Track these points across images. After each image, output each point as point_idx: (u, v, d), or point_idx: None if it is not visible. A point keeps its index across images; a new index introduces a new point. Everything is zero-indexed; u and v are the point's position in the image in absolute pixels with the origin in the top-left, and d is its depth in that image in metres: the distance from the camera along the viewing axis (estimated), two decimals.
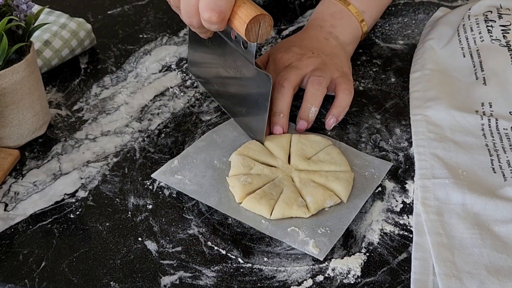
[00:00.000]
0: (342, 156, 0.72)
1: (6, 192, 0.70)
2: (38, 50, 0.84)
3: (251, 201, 0.67)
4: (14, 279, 0.61)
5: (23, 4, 0.71)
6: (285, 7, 1.01)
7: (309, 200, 0.67)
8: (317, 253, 0.63)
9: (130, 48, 0.92)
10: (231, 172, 0.71)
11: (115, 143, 0.77)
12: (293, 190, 0.68)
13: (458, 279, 0.60)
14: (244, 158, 0.71)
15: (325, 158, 0.72)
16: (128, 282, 0.61)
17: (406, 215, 0.68)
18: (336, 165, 0.71)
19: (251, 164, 0.71)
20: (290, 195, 0.67)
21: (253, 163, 0.71)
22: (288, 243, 0.64)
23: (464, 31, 0.89)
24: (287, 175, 0.71)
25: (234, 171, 0.70)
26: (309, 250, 0.63)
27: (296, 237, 0.65)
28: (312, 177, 0.70)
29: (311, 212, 0.66)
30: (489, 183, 0.70)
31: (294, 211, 0.66)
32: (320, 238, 0.64)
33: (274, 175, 0.70)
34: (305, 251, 0.63)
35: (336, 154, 0.72)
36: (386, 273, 0.62)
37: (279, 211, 0.66)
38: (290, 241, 0.64)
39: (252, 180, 0.69)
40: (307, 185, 0.69)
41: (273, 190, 0.68)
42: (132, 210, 0.68)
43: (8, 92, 0.70)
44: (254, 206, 0.67)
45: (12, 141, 0.74)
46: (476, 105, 0.80)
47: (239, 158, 0.71)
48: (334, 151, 0.73)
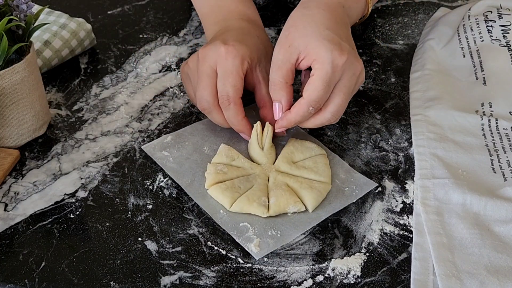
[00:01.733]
0: (327, 168, 0.72)
1: (6, 192, 0.70)
2: (38, 50, 0.84)
3: (216, 189, 0.68)
4: (14, 279, 0.61)
5: (23, 4, 0.71)
6: (285, 7, 1.01)
7: (272, 202, 0.67)
8: (256, 252, 0.63)
9: (130, 48, 0.92)
10: (213, 159, 0.72)
11: (115, 143, 0.77)
12: (262, 189, 0.69)
13: (458, 279, 0.60)
14: (230, 149, 0.73)
15: (310, 166, 0.71)
16: (128, 282, 0.61)
17: (406, 215, 0.68)
18: (317, 174, 0.70)
19: (235, 156, 0.72)
20: (256, 192, 0.68)
21: (237, 155, 0.72)
22: (233, 236, 0.65)
23: (464, 31, 0.89)
24: (265, 174, 0.71)
25: (216, 159, 0.72)
26: (249, 247, 0.63)
27: (243, 233, 0.65)
28: (288, 181, 0.70)
29: (269, 213, 0.66)
30: (489, 183, 0.70)
31: (253, 208, 0.66)
32: (266, 239, 0.64)
33: (252, 170, 0.71)
34: (245, 247, 0.64)
35: (322, 164, 0.72)
36: (386, 273, 0.62)
37: (238, 205, 0.67)
38: (236, 235, 0.65)
39: (228, 171, 0.70)
40: (277, 187, 0.69)
41: (243, 184, 0.69)
42: (132, 210, 0.68)
43: (8, 92, 0.70)
44: (217, 195, 0.68)
45: (12, 141, 0.74)
46: (476, 105, 0.80)
47: (225, 148, 0.73)
48: (321, 161, 0.72)
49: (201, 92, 0.73)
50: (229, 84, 0.71)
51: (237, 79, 0.72)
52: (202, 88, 0.73)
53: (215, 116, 0.74)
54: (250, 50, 0.74)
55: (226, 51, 0.72)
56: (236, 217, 0.67)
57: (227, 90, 0.71)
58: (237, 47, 0.72)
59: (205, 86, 0.72)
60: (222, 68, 0.72)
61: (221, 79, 0.72)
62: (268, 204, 0.67)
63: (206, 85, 0.72)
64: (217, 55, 0.72)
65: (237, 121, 0.73)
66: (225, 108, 0.72)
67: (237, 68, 0.72)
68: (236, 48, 0.72)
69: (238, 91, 0.72)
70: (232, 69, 0.71)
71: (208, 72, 0.72)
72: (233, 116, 0.72)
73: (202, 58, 0.73)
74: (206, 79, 0.72)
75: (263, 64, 0.76)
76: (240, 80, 0.72)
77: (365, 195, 0.70)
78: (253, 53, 0.74)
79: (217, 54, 0.72)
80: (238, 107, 0.72)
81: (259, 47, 0.77)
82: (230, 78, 0.71)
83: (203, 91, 0.72)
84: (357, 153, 0.76)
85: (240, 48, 0.72)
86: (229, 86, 0.71)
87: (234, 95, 0.71)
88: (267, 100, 0.75)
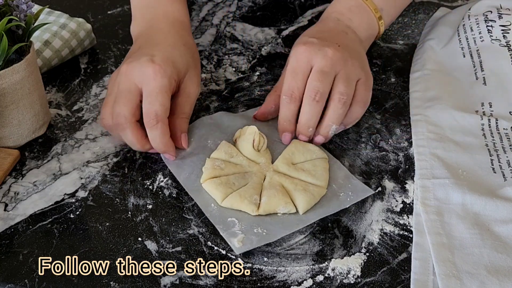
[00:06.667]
0: (325, 172, 0.71)
1: (6, 192, 0.70)
2: (38, 50, 0.84)
3: (210, 184, 0.69)
4: (14, 279, 0.61)
5: (23, 4, 0.71)
6: (285, 7, 1.01)
7: (263, 201, 0.67)
8: (238, 247, 0.63)
9: (130, 48, 0.92)
10: (212, 154, 0.72)
11: (115, 143, 0.77)
12: (255, 187, 0.69)
13: (458, 279, 0.60)
14: (230, 146, 0.73)
15: (308, 168, 0.71)
16: (128, 282, 0.61)
17: (406, 215, 0.68)
18: (314, 178, 0.70)
19: (234, 153, 0.72)
20: (249, 190, 0.68)
21: (236, 152, 0.72)
22: (218, 229, 0.65)
23: (464, 31, 0.89)
24: (262, 173, 0.71)
25: (215, 155, 0.72)
26: (232, 242, 0.64)
27: (229, 227, 0.65)
28: (283, 182, 0.69)
29: (259, 211, 0.67)
30: (489, 183, 0.70)
31: (243, 205, 0.67)
32: (251, 236, 0.65)
33: (249, 168, 0.71)
34: (228, 242, 0.64)
35: (321, 168, 0.71)
36: (386, 273, 0.62)
37: (229, 200, 0.67)
38: (221, 229, 0.65)
39: (225, 167, 0.70)
40: (271, 187, 0.69)
41: (238, 181, 0.69)
42: (132, 210, 0.68)
43: (8, 92, 0.70)
44: (211, 189, 0.68)
45: (12, 141, 0.74)
46: (476, 105, 0.80)
47: (226, 144, 0.73)
48: (321, 165, 0.72)
49: (120, 108, 0.71)
50: (158, 103, 0.70)
51: (165, 98, 0.71)
52: (122, 104, 0.71)
53: (129, 134, 0.71)
54: (178, 67, 0.74)
55: (154, 72, 0.71)
56: (226, 212, 0.67)
57: (155, 109, 0.70)
58: (164, 67, 0.71)
59: (125, 102, 0.71)
60: (150, 87, 0.71)
61: (148, 98, 0.70)
62: (259, 202, 0.67)
63: (127, 101, 0.71)
64: (143, 75, 0.71)
65: (163, 141, 0.71)
66: (152, 128, 0.70)
67: (165, 87, 0.71)
68: (163, 68, 0.71)
69: (166, 110, 0.71)
70: (160, 89, 0.71)
71: (131, 89, 0.71)
72: (159, 137, 0.70)
73: (126, 74, 0.72)
74: (128, 95, 0.71)
75: (189, 76, 0.76)
76: (168, 99, 0.71)
77: None
78: (181, 69, 0.75)
79: (143, 73, 0.71)
80: (165, 127, 0.71)
81: (186, 59, 0.76)
82: (159, 97, 0.70)
83: (123, 106, 0.71)
84: (357, 153, 0.76)
85: (167, 68, 0.72)
86: (157, 104, 0.70)
87: (162, 114, 0.70)
88: (179, 110, 0.74)
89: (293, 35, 0.95)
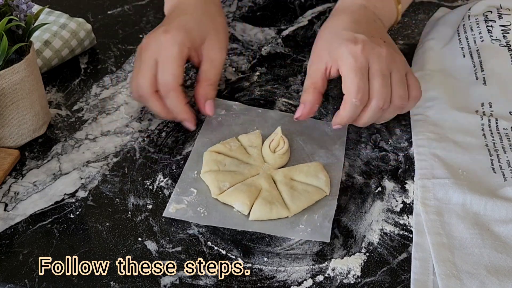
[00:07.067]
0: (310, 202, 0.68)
1: (6, 192, 0.70)
2: (38, 50, 0.84)
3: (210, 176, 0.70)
4: (14, 279, 0.61)
5: (23, 4, 0.71)
6: (285, 7, 1.01)
7: (229, 190, 0.68)
8: (170, 211, 0.67)
9: (130, 48, 0.92)
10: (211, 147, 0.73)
11: (115, 143, 0.77)
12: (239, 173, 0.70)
13: (458, 279, 0.60)
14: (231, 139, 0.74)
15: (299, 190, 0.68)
16: (128, 282, 0.61)
17: (406, 215, 0.68)
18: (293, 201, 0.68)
19: (234, 146, 0.73)
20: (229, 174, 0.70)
21: (236, 145, 0.73)
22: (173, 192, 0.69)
23: (464, 31, 0.89)
24: (257, 168, 0.71)
25: (213, 148, 0.73)
26: (170, 205, 0.68)
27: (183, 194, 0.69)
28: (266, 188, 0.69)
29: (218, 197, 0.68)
30: (489, 183, 0.70)
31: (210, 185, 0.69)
32: (189, 210, 0.67)
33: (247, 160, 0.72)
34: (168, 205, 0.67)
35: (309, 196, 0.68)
36: (386, 273, 0.62)
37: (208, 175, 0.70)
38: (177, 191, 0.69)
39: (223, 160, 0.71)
40: (250, 184, 0.69)
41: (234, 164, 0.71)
42: (132, 210, 0.68)
43: (8, 92, 0.70)
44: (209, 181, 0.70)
45: (12, 141, 0.74)
46: (476, 105, 0.80)
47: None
48: (314, 195, 0.69)
49: (140, 80, 0.74)
50: (168, 72, 0.73)
51: (175, 67, 0.73)
52: (141, 76, 0.74)
53: (152, 104, 0.74)
54: (192, 34, 0.75)
55: (166, 40, 0.73)
56: (194, 183, 0.70)
57: (166, 78, 0.72)
58: (176, 35, 0.73)
59: (144, 74, 0.73)
60: (161, 57, 0.73)
61: (160, 68, 0.73)
62: (225, 190, 0.68)
63: (145, 73, 0.73)
64: (158, 45, 0.74)
65: (179, 108, 0.74)
66: (166, 96, 0.73)
67: (175, 55, 0.73)
68: (175, 36, 0.73)
69: (177, 79, 0.73)
70: (171, 58, 0.73)
71: (148, 61, 0.74)
72: (175, 104, 0.73)
73: (144, 47, 0.75)
74: (146, 67, 0.73)
75: (209, 41, 0.77)
76: (179, 68, 0.73)
77: (365, 195, 0.70)
78: (195, 36, 0.75)
79: (158, 43, 0.74)
80: (178, 94, 0.73)
81: (203, 26, 0.77)
82: (169, 66, 0.73)
83: (142, 78, 0.73)
84: (357, 153, 0.76)
85: (178, 36, 0.73)
86: (167, 74, 0.73)
87: (173, 83, 0.72)
88: (203, 77, 0.76)
89: (293, 35, 0.95)
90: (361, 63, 0.70)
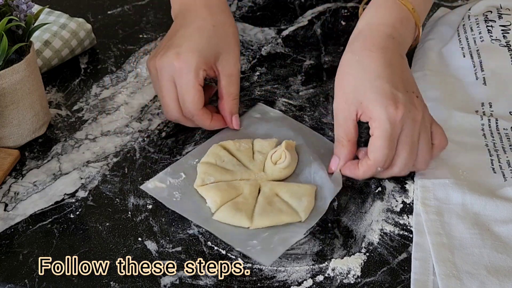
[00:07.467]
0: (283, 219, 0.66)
1: (6, 192, 0.70)
2: (38, 50, 0.84)
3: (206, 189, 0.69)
4: (14, 279, 0.61)
5: (23, 4, 0.71)
6: (285, 7, 1.01)
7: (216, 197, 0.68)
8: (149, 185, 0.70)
9: (130, 48, 0.92)
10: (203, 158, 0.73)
11: (115, 143, 0.77)
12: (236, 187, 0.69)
13: (458, 279, 0.60)
14: (221, 150, 0.73)
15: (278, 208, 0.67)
16: (128, 282, 0.61)
17: (406, 215, 0.68)
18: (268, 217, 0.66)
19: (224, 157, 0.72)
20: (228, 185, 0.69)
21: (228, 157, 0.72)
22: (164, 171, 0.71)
23: (464, 31, 0.89)
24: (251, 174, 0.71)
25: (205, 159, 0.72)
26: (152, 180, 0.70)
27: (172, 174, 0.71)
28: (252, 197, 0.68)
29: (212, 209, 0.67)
30: (489, 183, 0.70)
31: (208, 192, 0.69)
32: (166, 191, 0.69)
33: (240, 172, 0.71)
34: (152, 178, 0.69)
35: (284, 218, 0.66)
36: (386, 273, 0.62)
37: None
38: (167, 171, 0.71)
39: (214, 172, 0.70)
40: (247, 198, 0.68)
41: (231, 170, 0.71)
42: (132, 210, 0.68)
43: (8, 92, 0.70)
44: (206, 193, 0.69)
45: (12, 141, 0.74)
46: (476, 105, 0.80)
47: (217, 148, 0.73)
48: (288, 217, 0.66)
49: (166, 108, 0.76)
50: (188, 101, 0.74)
51: (194, 93, 0.73)
52: (166, 105, 0.76)
53: (187, 123, 0.77)
54: (204, 55, 0.74)
55: (179, 67, 0.73)
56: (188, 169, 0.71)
57: (187, 106, 0.74)
58: (189, 59, 0.73)
59: (170, 101, 0.75)
60: (179, 84, 0.74)
61: (180, 95, 0.74)
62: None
63: (170, 100, 0.75)
64: (172, 70, 0.73)
65: (207, 126, 0.76)
66: (192, 119, 0.75)
67: (192, 82, 0.73)
68: (188, 61, 0.73)
69: (197, 105, 0.74)
70: (189, 85, 0.73)
71: (167, 86, 0.74)
72: (202, 124, 0.76)
73: (159, 69, 0.74)
74: (168, 93, 0.74)
75: (223, 57, 0.76)
76: (198, 93, 0.74)
77: (365, 195, 0.70)
78: (208, 55, 0.75)
79: (171, 68, 0.73)
80: (201, 117, 0.75)
81: (214, 42, 0.76)
82: (188, 95, 0.73)
83: (167, 107, 0.76)
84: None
85: (192, 59, 0.73)
86: (187, 102, 0.74)
87: (194, 110, 0.74)
88: (225, 92, 0.76)
89: (293, 35, 0.95)
90: (396, 131, 0.66)
